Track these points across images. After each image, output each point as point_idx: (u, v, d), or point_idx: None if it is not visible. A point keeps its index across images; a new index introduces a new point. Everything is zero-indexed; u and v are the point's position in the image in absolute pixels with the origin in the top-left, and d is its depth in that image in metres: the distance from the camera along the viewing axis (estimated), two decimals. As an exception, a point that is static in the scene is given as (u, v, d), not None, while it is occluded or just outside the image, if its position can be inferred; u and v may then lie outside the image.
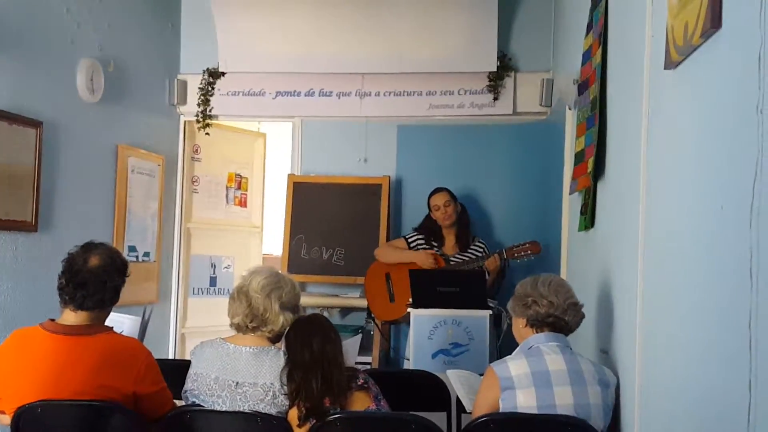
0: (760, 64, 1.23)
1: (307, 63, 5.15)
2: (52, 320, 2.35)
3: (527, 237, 4.33)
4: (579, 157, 3.08)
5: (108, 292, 2.36)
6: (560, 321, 2.34)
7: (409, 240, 4.59)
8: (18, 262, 3.67)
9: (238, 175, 5.76)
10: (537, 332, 2.35)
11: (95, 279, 2.33)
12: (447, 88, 5.14)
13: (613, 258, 2.48)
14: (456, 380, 2.62)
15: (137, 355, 2.34)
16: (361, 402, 2.32)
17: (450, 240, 4.52)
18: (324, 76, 5.23)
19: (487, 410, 2.25)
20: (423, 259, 4.35)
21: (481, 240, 4.57)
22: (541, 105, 4.87)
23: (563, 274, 3.59)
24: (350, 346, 2.72)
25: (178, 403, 2.48)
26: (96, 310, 2.34)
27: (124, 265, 2.45)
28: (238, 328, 2.45)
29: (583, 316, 2.41)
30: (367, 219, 5.10)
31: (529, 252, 4.14)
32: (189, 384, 2.42)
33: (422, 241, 4.55)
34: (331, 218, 5.17)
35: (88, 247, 2.39)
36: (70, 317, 2.33)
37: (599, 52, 2.76)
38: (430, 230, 4.54)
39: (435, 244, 4.51)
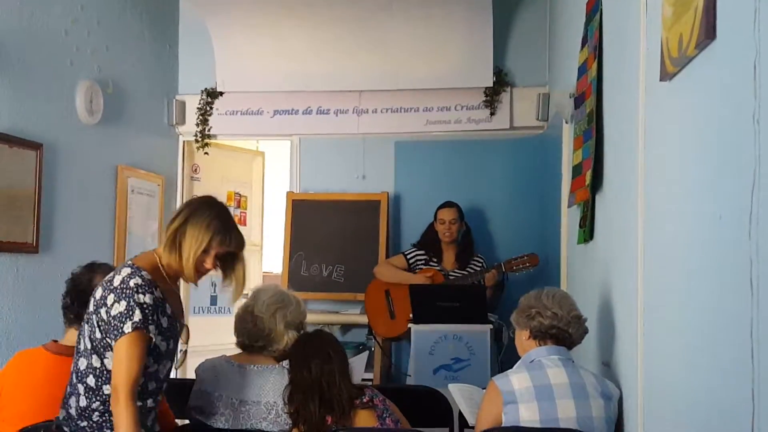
0: (755, 74, 1.24)
1: (305, 82, 5.19)
2: (55, 341, 2.35)
3: (526, 250, 4.33)
4: (576, 170, 3.09)
5: None
6: (563, 333, 2.34)
7: (408, 256, 4.58)
8: (19, 283, 3.67)
9: (237, 193, 5.78)
10: (540, 345, 2.35)
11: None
12: (444, 104, 5.16)
13: (613, 270, 2.48)
14: (458, 394, 2.62)
15: (139, 375, 2.33)
16: (364, 421, 2.31)
17: (449, 256, 4.53)
18: (321, 94, 5.26)
19: (489, 425, 2.24)
20: (419, 281, 4.34)
21: (479, 255, 4.57)
22: (537, 119, 4.89)
23: (563, 287, 3.58)
24: (357, 363, 2.72)
25: (181, 422, 2.47)
26: None
27: None
28: (243, 347, 2.45)
29: (586, 330, 2.41)
30: (367, 235, 5.10)
31: (527, 264, 4.15)
32: (193, 401, 2.42)
33: (421, 257, 4.55)
34: (331, 235, 5.17)
35: (92, 267, 2.41)
36: (74, 337, 2.33)
37: (595, 65, 2.78)
38: (430, 245, 4.54)
39: (434, 260, 4.51)
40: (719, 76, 1.44)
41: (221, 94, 5.35)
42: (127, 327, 1.98)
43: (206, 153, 5.42)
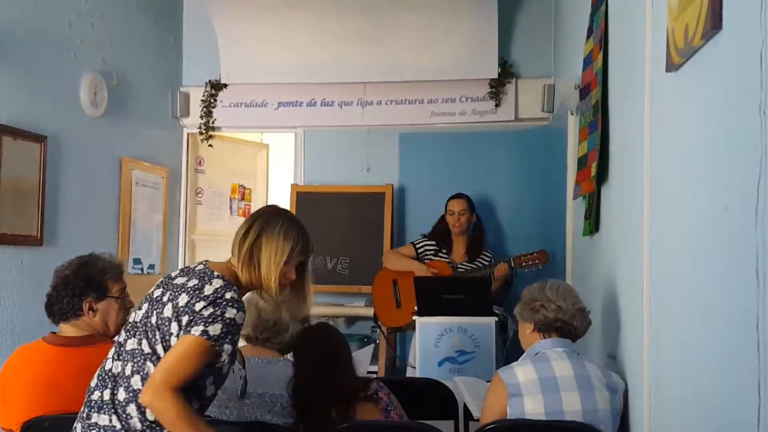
0: (761, 64, 1.23)
1: (309, 73, 5.18)
2: (54, 333, 2.36)
3: (531, 242, 4.32)
4: (582, 162, 3.08)
5: (69, 302, 2.31)
6: (568, 326, 2.33)
7: (418, 246, 4.57)
8: (24, 276, 3.68)
9: (242, 186, 5.78)
10: (544, 337, 2.34)
11: (55, 291, 2.33)
12: (448, 95, 5.15)
13: (619, 262, 2.48)
14: (463, 386, 2.62)
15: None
16: (368, 413, 2.31)
17: (459, 248, 4.51)
18: (325, 86, 5.26)
19: (494, 417, 2.24)
20: (424, 272, 4.33)
21: (488, 250, 4.57)
22: (542, 111, 4.88)
23: (569, 279, 3.58)
24: (362, 355, 2.72)
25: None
26: (72, 321, 2.33)
27: (94, 278, 2.36)
28: (248, 339, 2.46)
29: (590, 322, 2.41)
30: (371, 227, 5.10)
31: (537, 261, 4.14)
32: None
33: (431, 248, 4.54)
34: (335, 227, 5.17)
35: (72, 260, 2.40)
36: (66, 329, 2.34)
37: (600, 56, 2.76)
38: (440, 235, 4.53)
39: (444, 251, 4.50)
40: (725, 66, 1.43)
41: (225, 86, 5.34)
42: (201, 332, 1.81)
43: (210, 145, 5.42)
